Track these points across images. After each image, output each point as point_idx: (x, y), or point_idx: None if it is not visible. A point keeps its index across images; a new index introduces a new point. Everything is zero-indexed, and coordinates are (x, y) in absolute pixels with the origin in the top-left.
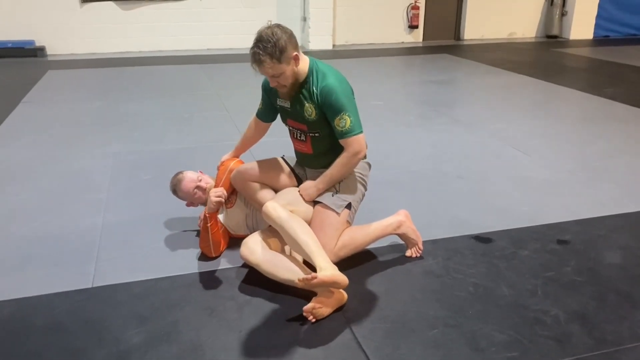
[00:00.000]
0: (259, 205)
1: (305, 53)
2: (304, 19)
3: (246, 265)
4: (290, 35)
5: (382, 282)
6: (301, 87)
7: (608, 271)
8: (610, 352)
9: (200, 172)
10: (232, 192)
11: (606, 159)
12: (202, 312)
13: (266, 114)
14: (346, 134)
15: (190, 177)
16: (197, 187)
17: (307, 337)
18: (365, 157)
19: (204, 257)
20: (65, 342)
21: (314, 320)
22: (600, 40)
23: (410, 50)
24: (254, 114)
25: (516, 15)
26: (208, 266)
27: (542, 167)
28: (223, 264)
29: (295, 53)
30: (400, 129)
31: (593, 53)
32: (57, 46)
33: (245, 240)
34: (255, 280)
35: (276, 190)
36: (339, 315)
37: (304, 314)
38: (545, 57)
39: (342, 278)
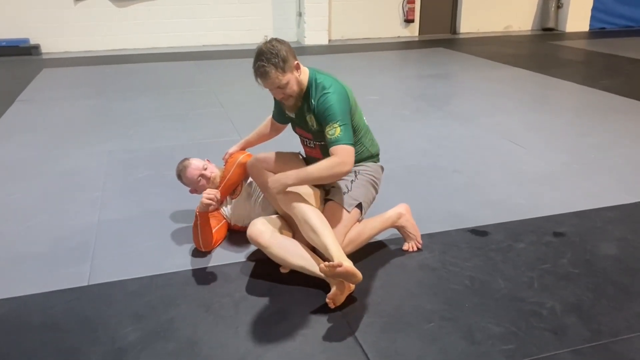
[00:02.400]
0: (271, 193)
1: (301, 48)
2: (300, 14)
3: (243, 261)
4: (289, 46)
5: (378, 276)
6: (303, 99)
7: (604, 263)
8: (606, 344)
9: (207, 160)
10: (239, 183)
11: (602, 151)
12: (198, 309)
13: (281, 117)
14: (334, 142)
15: (196, 165)
16: (202, 175)
17: (303, 332)
18: (378, 160)
19: (199, 254)
20: (61, 341)
21: (334, 306)
22: (596, 32)
23: (406, 45)
24: (270, 115)
25: (512, 8)
26: (204, 263)
27: (538, 159)
28: (219, 260)
29: (296, 62)
30: (396, 123)
31: (589, 45)
32: (51, 44)
33: (254, 222)
34: (251, 276)
35: None
36: (336, 310)
37: (327, 300)
38: (541, 50)
39: (358, 272)
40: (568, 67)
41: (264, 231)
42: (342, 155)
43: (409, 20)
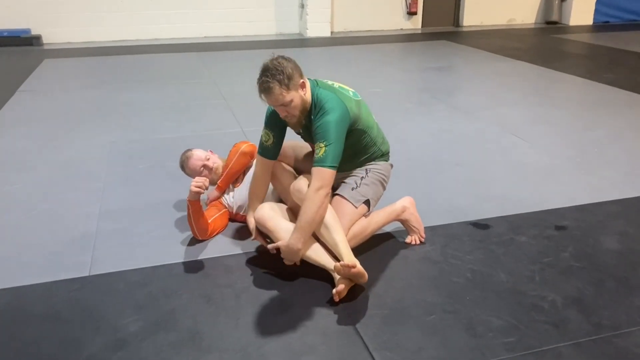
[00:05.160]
0: (280, 183)
1: (303, 40)
2: (302, 6)
3: (244, 252)
4: (295, 64)
5: (379, 268)
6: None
7: (605, 257)
8: (607, 337)
9: (210, 151)
10: (242, 172)
11: (605, 145)
12: (199, 299)
13: (276, 148)
14: (316, 162)
15: (198, 156)
16: (204, 166)
17: (304, 323)
18: (388, 158)
19: (200, 245)
20: (62, 331)
21: (338, 299)
22: (600, 25)
23: (409, 37)
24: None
25: (515, 1)
26: (205, 254)
27: (540, 153)
28: (220, 251)
29: (302, 80)
30: (399, 116)
31: (593, 39)
32: (53, 35)
33: (261, 206)
34: (252, 267)
35: (298, 173)
36: (337, 302)
37: (334, 293)
38: (544, 43)
39: (366, 273)
40: (571, 60)
41: (273, 216)
42: (316, 180)
43: (411, 13)
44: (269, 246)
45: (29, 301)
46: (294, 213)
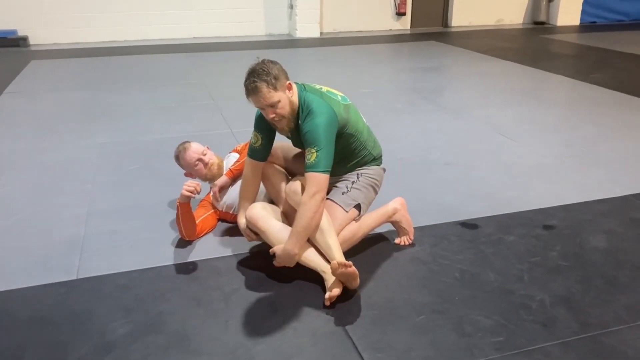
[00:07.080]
0: (272, 185)
1: (293, 41)
2: (291, 7)
3: (233, 254)
4: (281, 67)
5: (369, 269)
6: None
7: (593, 256)
8: (595, 335)
9: (207, 147)
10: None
11: (593, 144)
12: (188, 302)
13: (265, 150)
14: (308, 167)
15: (195, 149)
16: (200, 159)
17: (294, 325)
18: (380, 162)
19: (189, 247)
20: (50, 335)
21: (329, 303)
22: (587, 26)
23: (398, 38)
24: (248, 157)
25: (504, 1)
26: (194, 256)
27: (529, 152)
28: (209, 254)
29: (288, 82)
30: (389, 116)
31: (580, 39)
32: (40, 36)
33: (253, 205)
34: (241, 270)
35: (289, 174)
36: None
37: (326, 297)
38: (532, 43)
39: (358, 276)
40: (559, 60)
41: (264, 216)
42: (311, 185)
43: (400, 13)
44: (270, 251)
45: (16, 305)
46: (287, 216)
